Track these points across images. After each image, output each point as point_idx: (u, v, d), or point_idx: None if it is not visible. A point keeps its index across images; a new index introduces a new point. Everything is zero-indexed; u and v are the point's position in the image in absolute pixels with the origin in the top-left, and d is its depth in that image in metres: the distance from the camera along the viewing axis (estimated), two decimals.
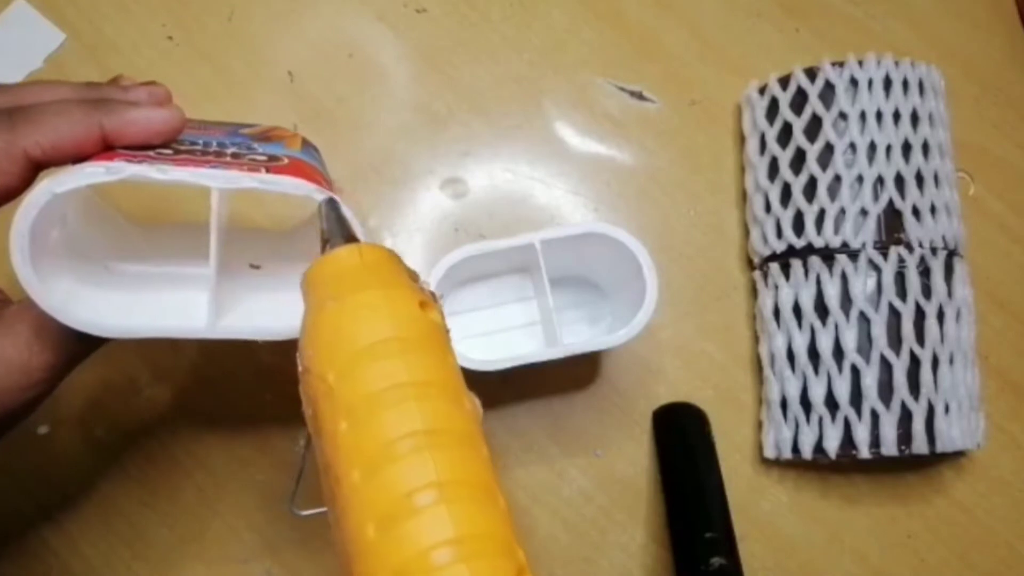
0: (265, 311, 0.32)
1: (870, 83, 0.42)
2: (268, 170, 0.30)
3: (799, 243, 0.42)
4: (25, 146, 0.28)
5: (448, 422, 0.22)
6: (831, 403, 0.41)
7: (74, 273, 0.30)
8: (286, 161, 0.32)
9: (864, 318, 0.40)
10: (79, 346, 0.30)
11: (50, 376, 0.30)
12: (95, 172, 0.27)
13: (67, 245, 0.31)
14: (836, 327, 0.41)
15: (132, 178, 0.28)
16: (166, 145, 0.31)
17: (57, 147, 0.28)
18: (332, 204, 0.28)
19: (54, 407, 0.43)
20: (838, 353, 0.41)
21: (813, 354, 0.41)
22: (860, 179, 0.41)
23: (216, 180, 0.29)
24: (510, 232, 0.41)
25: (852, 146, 0.42)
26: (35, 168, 0.28)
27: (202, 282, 0.30)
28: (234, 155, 0.32)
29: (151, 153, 0.30)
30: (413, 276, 0.27)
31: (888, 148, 0.42)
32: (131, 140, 0.30)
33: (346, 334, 0.23)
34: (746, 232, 0.46)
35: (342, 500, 0.21)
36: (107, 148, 0.29)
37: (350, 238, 0.27)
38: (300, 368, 0.24)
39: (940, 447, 0.39)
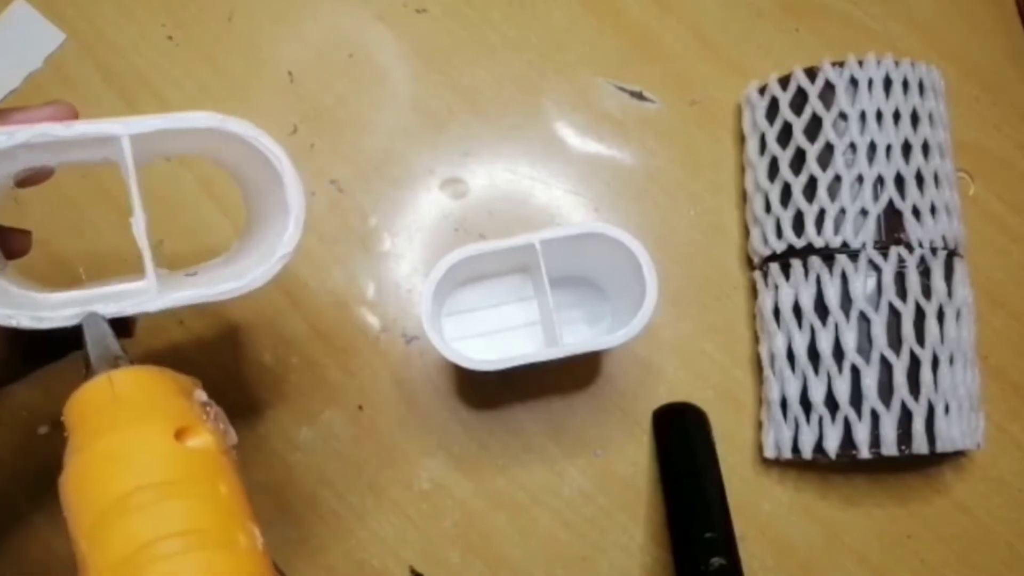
0: (210, 282, 0.31)
1: (870, 83, 0.42)
2: None
3: (799, 243, 0.42)
4: None
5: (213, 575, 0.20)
6: (831, 403, 0.41)
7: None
8: None
9: (864, 318, 0.40)
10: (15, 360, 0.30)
11: None
12: None
13: None
14: (836, 327, 0.41)
15: (34, 138, 0.27)
16: None
17: None
18: (91, 320, 0.26)
19: (54, 408, 0.43)
20: (838, 353, 0.41)
21: (813, 354, 0.41)
22: (860, 179, 0.41)
23: (123, 127, 0.28)
24: (510, 232, 0.41)
25: (852, 146, 0.42)
26: None
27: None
28: None
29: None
30: (185, 389, 0.24)
31: (888, 148, 0.42)
32: None
33: (91, 493, 0.21)
34: (746, 232, 0.46)
35: None
36: None
37: (113, 359, 0.24)
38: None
39: (940, 447, 0.39)
